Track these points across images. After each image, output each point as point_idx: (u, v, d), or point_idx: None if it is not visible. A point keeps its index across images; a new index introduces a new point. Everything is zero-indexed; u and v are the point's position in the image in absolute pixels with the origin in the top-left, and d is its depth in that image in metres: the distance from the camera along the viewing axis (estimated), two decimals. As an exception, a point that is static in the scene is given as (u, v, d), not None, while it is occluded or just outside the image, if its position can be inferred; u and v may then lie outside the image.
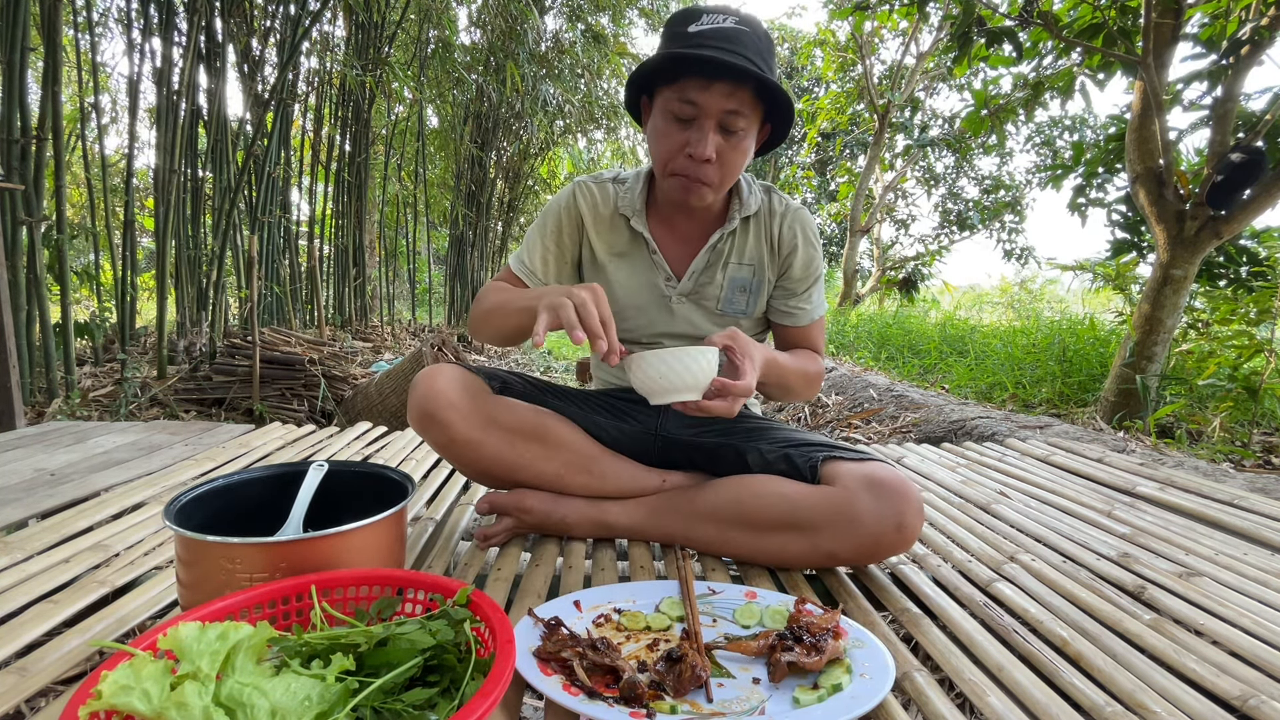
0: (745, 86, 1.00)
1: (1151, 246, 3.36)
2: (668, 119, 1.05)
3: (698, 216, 1.20)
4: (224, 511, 0.96)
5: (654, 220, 1.22)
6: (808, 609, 0.87)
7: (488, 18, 6.17)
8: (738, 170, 1.09)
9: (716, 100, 1.00)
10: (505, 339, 1.13)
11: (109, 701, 0.53)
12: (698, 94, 1.00)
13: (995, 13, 3.13)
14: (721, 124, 1.02)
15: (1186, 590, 1.02)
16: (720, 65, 0.98)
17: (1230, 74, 2.62)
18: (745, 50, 1.00)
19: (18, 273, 2.68)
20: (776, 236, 1.21)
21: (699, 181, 1.06)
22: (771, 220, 1.21)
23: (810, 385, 1.20)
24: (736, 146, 1.05)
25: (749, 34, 1.01)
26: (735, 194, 1.20)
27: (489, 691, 0.56)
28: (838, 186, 11.38)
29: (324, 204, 5.48)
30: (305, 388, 3.18)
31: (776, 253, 1.22)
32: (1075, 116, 9.66)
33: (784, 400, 1.21)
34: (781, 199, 1.23)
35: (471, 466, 1.14)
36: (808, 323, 1.25)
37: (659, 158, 1.09)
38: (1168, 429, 2.69)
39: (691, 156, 1.04)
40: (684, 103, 1.02)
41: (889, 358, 5.32)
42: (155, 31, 3.56)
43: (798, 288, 1.23)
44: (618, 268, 1.22)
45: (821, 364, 1.24)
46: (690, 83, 1.01)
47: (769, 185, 1.25)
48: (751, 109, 1.03)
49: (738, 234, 1.20)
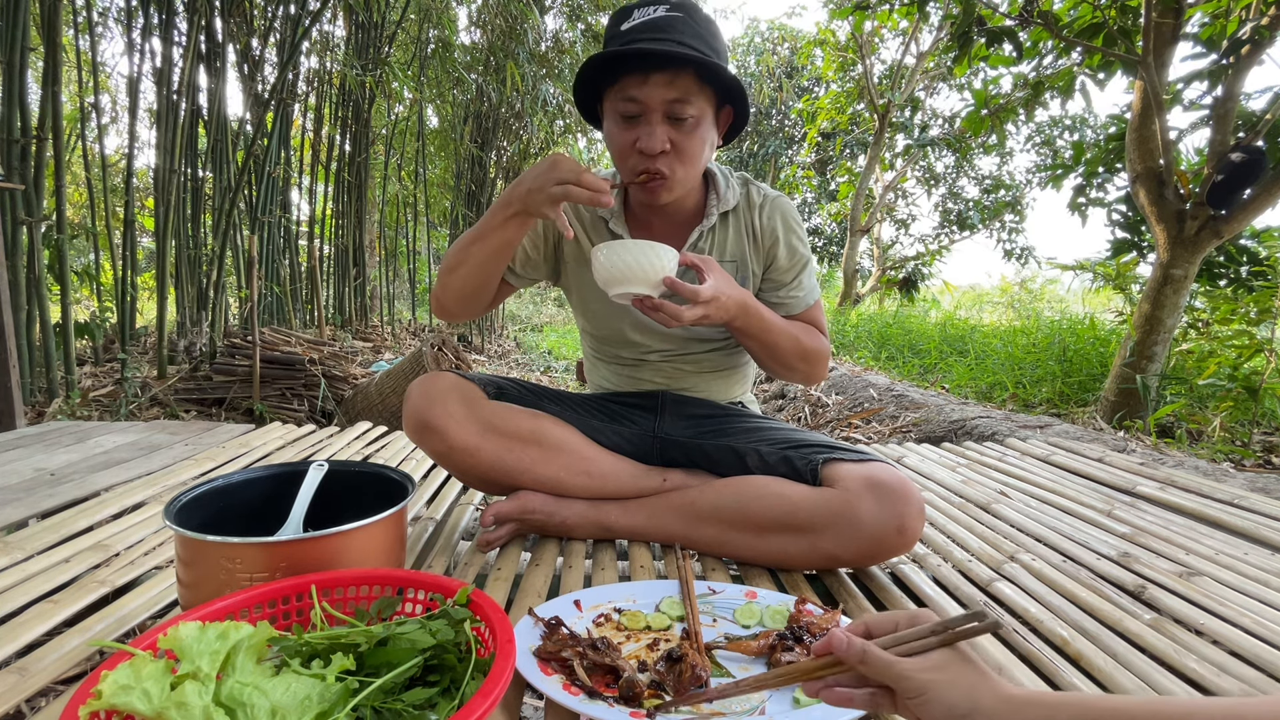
0: (685, 73, 0.99)
1: (1151, 246, 3.36)
2: (616, 121, 1.05)
3: (675, 215, 1.18)
4: (224, 511, 0.96)
5: (633, 222, 1.21)
6: (808, 609, 0.87)
7: (488, 18, 6.17)
8: (697, 159, 1.06)
9: (657, 92, 0.99)
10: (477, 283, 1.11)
11: (109, 701, 0.53)
12: (637, 90, 1.00)
13: (995, 12, 3.13)
14: (668, 114, 1.01)
15: (1187, 590, 1.01)
16: (651, 56, 0.97)
17: (1230, 73, 2.62)
18: (679, 36, 0.98)
19: (18, 273, 2.68)
20: (758, 228, 1.19)
21: (658, 176, 1.04)
22: (751, 213, 1.19)
23: (808, 359, 1.15)
24: (690, 135, 1.03)
25: (682, 19, 1.00)
26: (712, 189, 1.18)
27: (489, 691, 0.56)
28: (838, 186, 11.37)
29: (324, 204, 5.48)
30: (305, 388, 3.18)
31: (759, 245, 1.19)
32: (1075, 116, 9.66)
33: (776, 369, 1.15)
34: (760, 190, 1.20)
35: (470, 473, 1.14)
36: (802, 309, 1.22)
37: (616, 161, 1.09)
38: (1168, 429, 2.69)
39: (643, 152, 1.02)
40: (627, 101, 1.01)
41: (889, 357, 5.32)
42: (155, 31, 3.56)
43: (785, 277, 1.20)
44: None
45: (825, 342, 1.19)
46: (628, 80, 1.00)
47: (747, 177, 1.23)
48: (698, 94, 1.01)
49: (717, 230, 1.18)
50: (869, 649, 0.52)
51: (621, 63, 1.00)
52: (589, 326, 1.29)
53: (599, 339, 1.29)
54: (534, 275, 1.25)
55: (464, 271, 1.10)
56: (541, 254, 1.22)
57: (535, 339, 7.92)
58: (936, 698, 0.48)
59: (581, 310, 1.27)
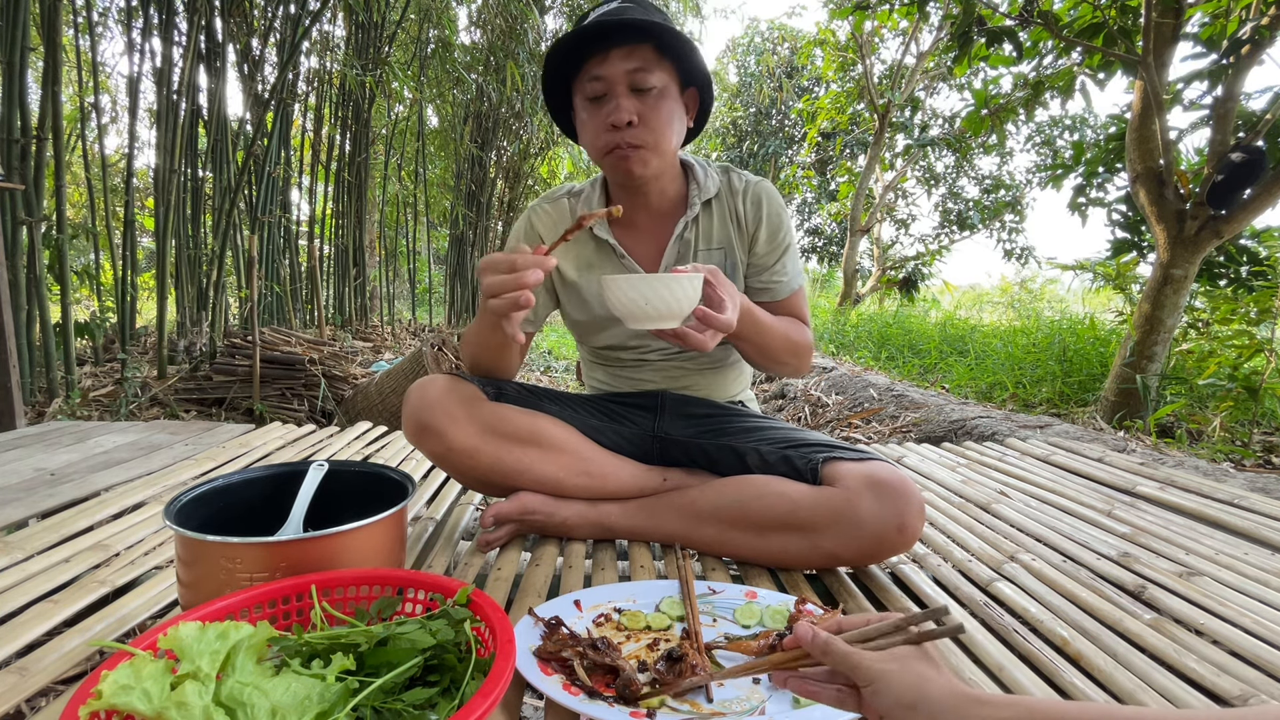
0: (643, 46, 1.04)
1: (1151, 246, 3.36)
2: (585, 106, 1.09)
3: (659, 209, 1.20)
4: (224, 511, 0.96)
5: (616, 224, 1.22)
6: (808, 609, 0.87)
7: (488, 17, 6.17)
8: (666, 129, 1.08)
9: (617, 65, 1.04)
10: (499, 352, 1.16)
11: (109, 701, 0.53)
12: (599, 68, 1.05)
13: (995, 12, 3.13)
14: (632, 86, 1.05)
15: (1187, 590, 1.02)
16: (607, 28, 1.02)
17: (1230, 73, 2.62)
18: (632, 14, 1.03)
19: (18, 273, 2.68)
20: (741, 214, 1.20)
21: (630, 148, 1.07)
22: (734, 199, 1.20)
23: (797, 354, 1.17)
24: (656, 106, 1.06)
25: (634, 7, 1.06)
26: (692, 180, 1.20)
27: (489, 691, 0.56)
28: (838, 186, 11.37)
29: (324, 204, 5.48)
30: (305, 387, 3.18)
31: (743, 230, 1.20)
32: (1075, 116, 9.66)
33: (766, 365, 1.17)
34: (741, 176, 1.22)
35: (469, 474, 1.14)
36: (787, 294, 1.22)
37: (589, 144, 1.12)
38: (1168, 429, 2.69)
39: (614, 126, 1.05)
40: (592, 81, 1.06)
41: (889, 357, 5.32)
42: (155, 31, 3.56)
43: (768, 260, 1.21)
44: (589, 280, 1.21)
45: (809, 334, 1.21)
46: (591, 62, 1.05)
47: (728, 165, 1.24)
48: (658, 65, 1.06)
49: (701, 219, 1.20)
50: (831, 640, 0.54)
51: (582, 45, 1.05)
52: (585, 337, 1.30)
53: (596, 345, 1.29)
54: (545, 315, 1.29)
55: (484, 357, 1.18)
56: (541, 302, 1.25)
57: (535, 339, 7.92)
58: (886, 688, 0.49)
59: (576, 325, 1.28)
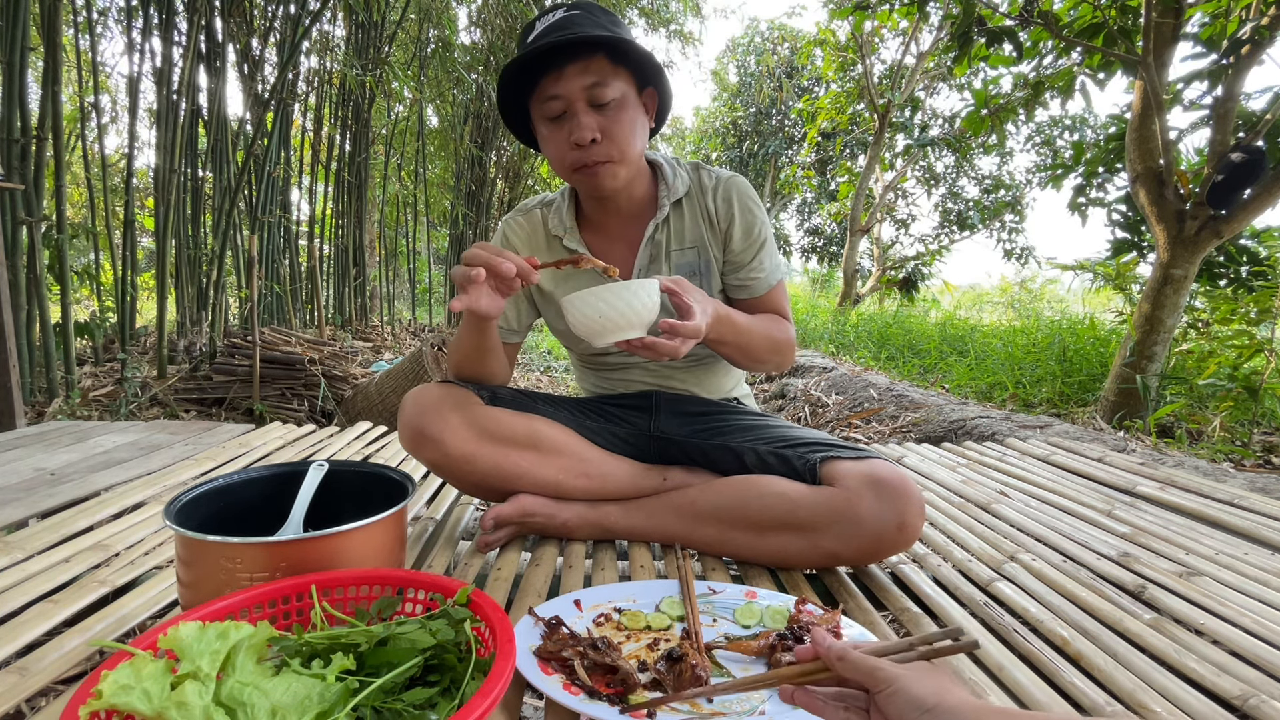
0: (596, 58, 1.02)
1: (1151, 246, 3.36)
2: (546, 125, 1.08)
3: (628, 212, 1.19)
4: (224, 511, 0.96)
5: (588, 232, 1.21)
6: (808, 609, 0.87)
7: (488, 17, 6.17)
8: (630, 139, 1.06)
9: (573, 81, 1.02)
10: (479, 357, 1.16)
11: (109, 701, 0.53)
12: (554, 86, 1.03)
13: (995, 12, 3.13)
14: (590, 101, 1.03)
15: (1187, 590, 1.01)
16: (558, 48, 1.00)
17: (1230, 73, 2.62)
18: (581, 28, 1.02)
19: (18, 273, 2.68)
20: (713, 211, 1.18)
21: (597, 164, 1.06)
22: (704, 196, 1.19)
23: (779, 351, 1.16)
24: (617, 118, 1.05)
25: (581, 15, 1.04)
26: (661, 180, 1.19)
27: (489, 691, 0.56)
28: (838, 186, 11.37)
29: (324, 204, 5.48)
30: (305, 387, 3.18)
31: (716, 228, 1.18)
32: (1075, 116, 9.66)
33: (748, 365, 1.20)
34: (712, 174, 1.20)
35: (467, 480, 1.13)
36: (765, 290, 1.21)
37: (555, 162, 1.10)
38: (1168, 429, 2.69)
39: (578, 145, 1.04)
40: (549, 100, 1.04)
41: (889, 357, 5.32)
42: (155, 31, 3.56)
43: (744, 256, 1.19)
44: (565, 291, 1.20)
45: (790, 330, 1.20)
46: (545, 81, 1.03)
47: (698, 163, 1.22)
48: (614, 75, 1.04)
49: (672, 219, 1.18)
50: (848, 648, 0.55)
51: (536, 67, 1.03)
52: (571, 345, 1.30)
53: (584, 352, 1.30)
54: (528, 324, 1.29)
55: (468, 363, 1.17)
56: (520, 310, 1.26)
57: (534, 339, 7.91)
58: (904, 689, 0.50)
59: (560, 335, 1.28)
